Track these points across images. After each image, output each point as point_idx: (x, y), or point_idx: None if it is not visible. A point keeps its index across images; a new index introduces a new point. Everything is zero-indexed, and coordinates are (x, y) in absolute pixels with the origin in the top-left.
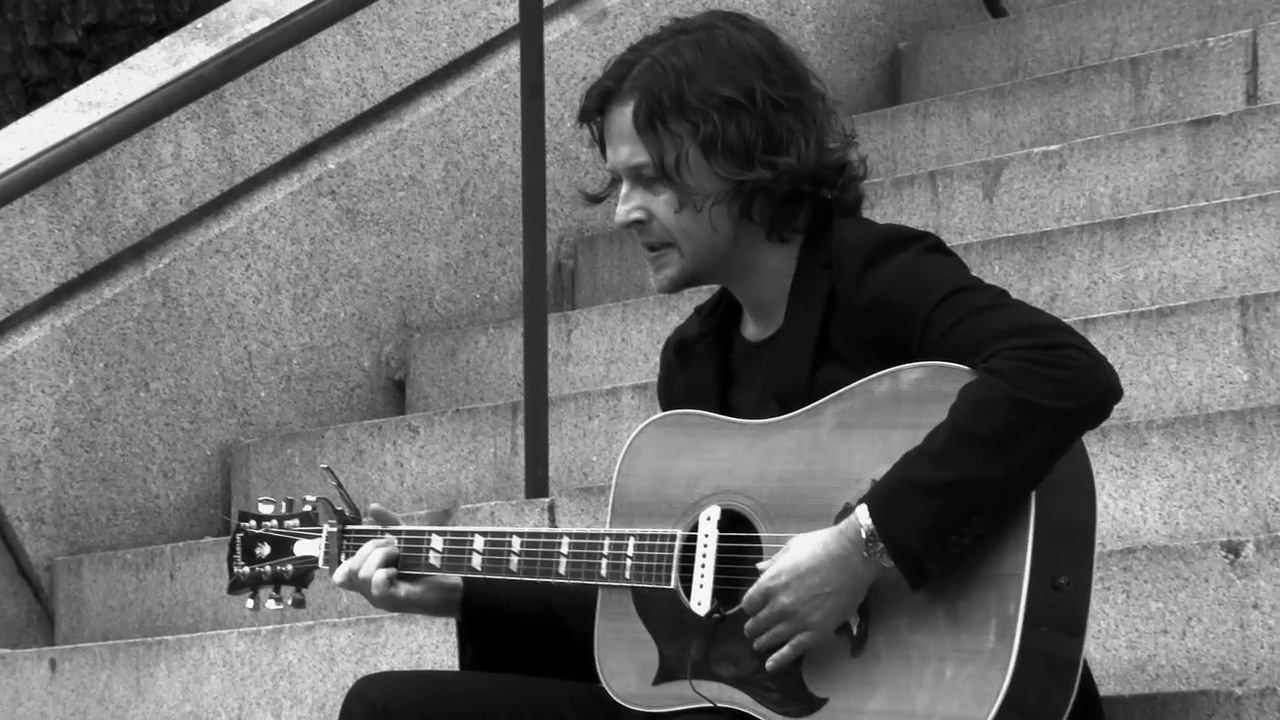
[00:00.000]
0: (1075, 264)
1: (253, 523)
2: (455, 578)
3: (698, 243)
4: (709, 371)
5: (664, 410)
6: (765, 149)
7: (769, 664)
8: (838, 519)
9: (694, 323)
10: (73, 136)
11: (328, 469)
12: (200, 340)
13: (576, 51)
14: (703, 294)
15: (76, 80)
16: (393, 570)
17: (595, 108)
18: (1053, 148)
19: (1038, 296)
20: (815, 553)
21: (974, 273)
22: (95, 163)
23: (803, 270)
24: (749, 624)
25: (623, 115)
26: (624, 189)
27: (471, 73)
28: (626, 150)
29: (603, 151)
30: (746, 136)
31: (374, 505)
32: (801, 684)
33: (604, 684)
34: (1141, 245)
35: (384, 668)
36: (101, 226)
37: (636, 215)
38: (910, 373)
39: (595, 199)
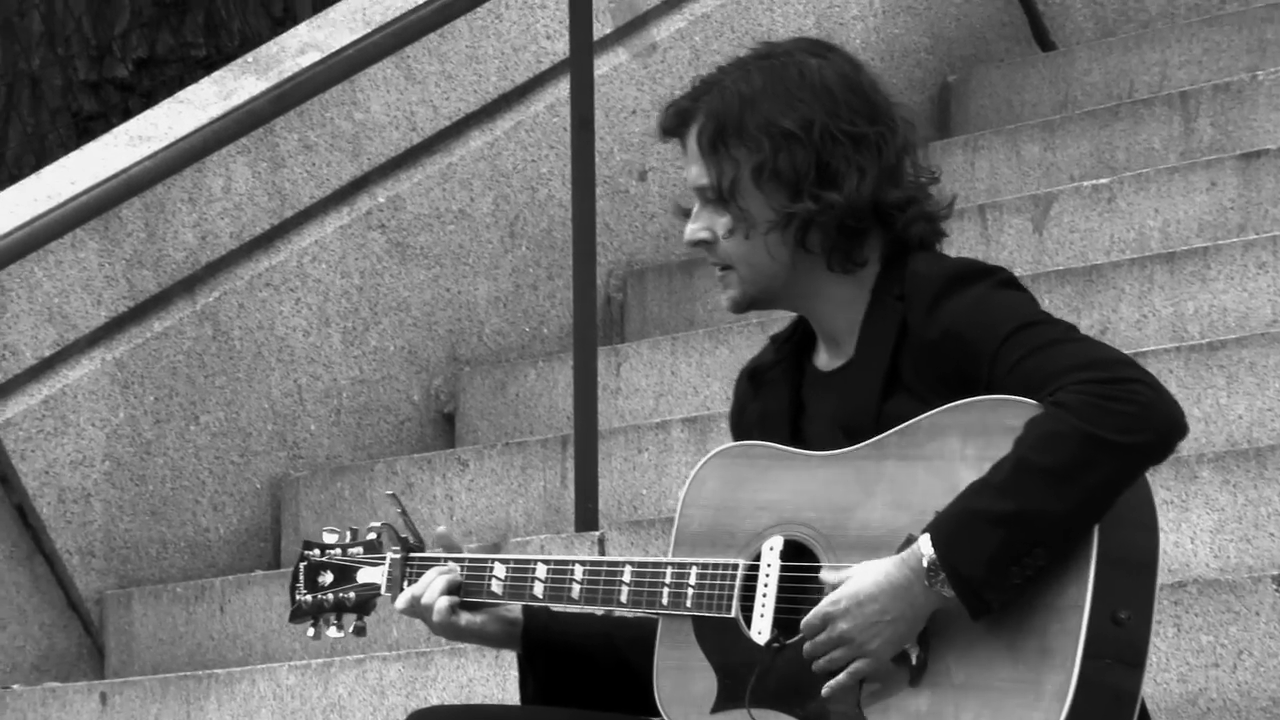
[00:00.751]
0: (1125, 297)
1: (317, 551)
2: (516, 611)
3: (755, 268)
4: (782, 399)
5: (735, 440)
6: (816, 182)
7: (825, 690)
8: (900, 550)
9: (769, 350)
10: (123, 171)
11: (393, 495)
12: (250, 373)
13: (626, 85)
14: (756, 323)
15: (127, 114)
16: (455, 598)
17: (673, 125)
18: (1102, 181)
19: (1088, 330)
20: (876, 580)
21: None
22: (145, 197)
23: (876, 301)
24: (807, 646)
25: (693, 135)
26: (695, 208)
27: (521, 106)
28: (695, 170)
29: None
30: (798, 168)
31: (440, 529)
32: (860, 714)
33: (662, 712)
34: (1191, 279)
35: (434, 701)
36: (152, 260)
37: (702, 235)
38: (976, 406)
39: (687, 212)
